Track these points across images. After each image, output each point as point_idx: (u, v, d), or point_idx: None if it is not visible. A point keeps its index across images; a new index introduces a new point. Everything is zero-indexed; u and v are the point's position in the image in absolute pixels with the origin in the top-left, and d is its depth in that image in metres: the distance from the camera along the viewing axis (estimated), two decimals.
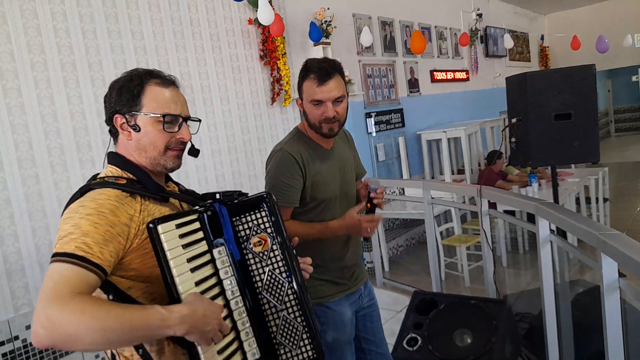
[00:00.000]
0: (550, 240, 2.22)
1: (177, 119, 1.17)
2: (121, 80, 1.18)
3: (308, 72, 1.71)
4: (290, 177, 1.71)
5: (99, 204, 1.03)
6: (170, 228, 1.04)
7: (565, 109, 2.48)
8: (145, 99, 1.15)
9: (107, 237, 0.99)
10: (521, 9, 9.42)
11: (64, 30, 2.94)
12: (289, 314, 1.16)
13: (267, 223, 1.17)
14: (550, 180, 5.08)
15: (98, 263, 0.96)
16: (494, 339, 2.37)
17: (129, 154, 1.18)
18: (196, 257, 1.08)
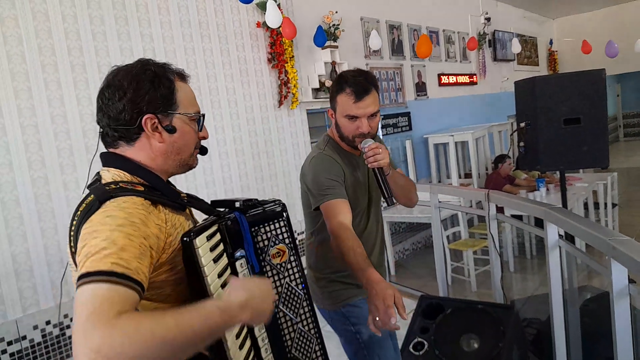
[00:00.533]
0: (559, 245, 2.20)
1: (202, 117, 1.11)
2: (146, 74, 1.01)
3: (344, 85, 1.66)
4: (334, 174, 1.67)
5: (129, 214, 0.89)
6: (203, 241, 0.95)
7: (575, 114, 2.46)
8: (179, 97, 1.04)
9: (142, 251, 0.87)
10: (530, 13, 9.39)
11: (75, 33, 2.97)
12: (304, 326, 1.13)
13: (285, 234, 1.12)
14: (558, 184, 5.06)
15: (139, 280, 0.83)
16: (501, 345, 2.35)
17: (149, 158, 1.03)
18: (224, 270, 1.01)
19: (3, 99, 2.65)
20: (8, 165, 2.66)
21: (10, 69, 2.69)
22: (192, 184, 3.59)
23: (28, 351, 2.66)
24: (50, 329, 2.75)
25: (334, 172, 1.68)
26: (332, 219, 1.60)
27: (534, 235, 5.25)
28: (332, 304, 1.84)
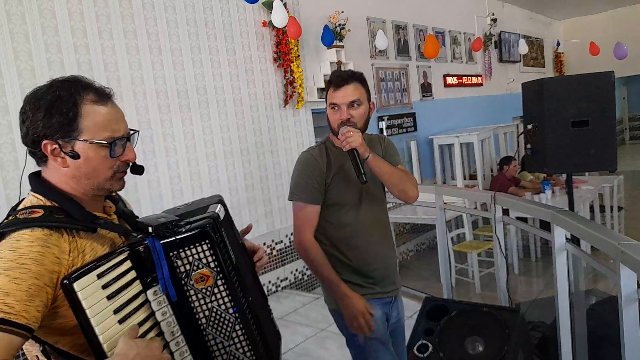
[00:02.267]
0: (566, 248, 2.18)
1: (121, 141, 1.03)
2: (47, 98, 0.97)
3: (329, 83, 1.81)
4: (311, 176, 1.77)
5: (19, 255, 0.88)
6: (90, 281, 0.92)
7: (583, 116, 2.43)
8: (83, 122, 0.98)
9: (32, 292, 0.87)
10: (536, 15, 9.35)
11: (81, 30, 2.97)
12: (237, 349, 1.09)
13: (210, 257, 1.04)
14: (564, 187, 5.04)
15: (22, 324, 0.84)
16: (506, 348, 2.33)
17: (60, 181, 1.02)
18: (126, 304, 0.97)
19: (10, 98, 2.66)
20: (14, 162, 2.66)
21: (17, 66, 2.69)
22: (197, 183, 3.59)
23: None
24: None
25: (312, 173, 1.78)
26: (302, 232, 1.78)
27: (539, 238, 5.23)
28: (334, 303, 1.84)
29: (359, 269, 1.83)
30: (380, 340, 1.83)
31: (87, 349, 0.96)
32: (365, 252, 1.84)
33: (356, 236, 1.82)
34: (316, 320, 3.57)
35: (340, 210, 1.81)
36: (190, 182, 3.55)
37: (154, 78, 3.34)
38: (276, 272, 4.17)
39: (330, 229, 1.83)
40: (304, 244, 1.77)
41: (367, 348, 1.81)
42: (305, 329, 3.45)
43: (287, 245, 4.28)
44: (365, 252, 1.84)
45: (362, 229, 1.84)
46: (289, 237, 4.27)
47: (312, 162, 1.79)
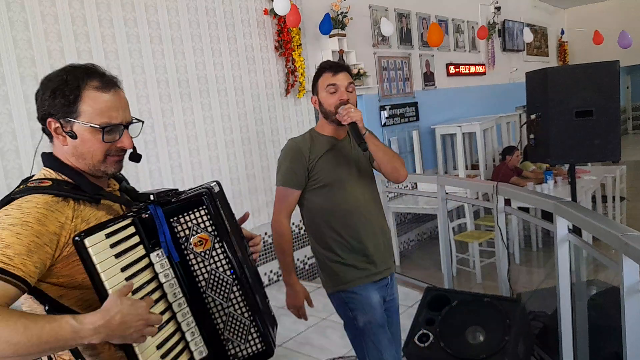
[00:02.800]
0: (568, 239, 2.18)
1: (117, 127, 1.09)
2: (55, 80, 1.07)
3: (323, 69, 1.91)
4: (293, 161, 1.87)
5: (25, 213, 0.97)
6: (99, 239, 0.99)
7: (587, 106, 2.41)
8: (82, 106, 1.05)
9: (31, 248, 0.94)
10: (540, 3, 9.26)
11: (81, 18, 2.94)
12: (236, 310, 1.16)
13: (207, 222, 1.13)
14: (566, 177, 5.02)
15: (19, 275, 0.91)
16: (507, 338, 2.34)
17: (65, 158, 1.11)
18: (132, 264, 1.05)
19: (10, 85, 2.64)
20: (14, 151, 2.66)
21: (17, 54, 2.67)
22: (198, 173, 3.59)
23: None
24: None
25: (293, 158, 1.87)
26: (278, 212, 1.92)
27: (540, 228, 5.22)
28: (331, 287, 1.93)
29: (354, 247, 1.89)
30: (379, 324, 1.90)
31: (91, 304, 1.03)
32: (361, 230, 1.90)
33: (350, 215, 1.90)
34: (317, 309, 3.56)
35: (332, 190, 1.88)
36: (192, 172, 3.55)
37: (154, 67, 3.32)
38: (277, 261, 4.18)
39: (324, 211, 1.90)
40: (277, 226, 1.91)
41: (365, 331, 1.88)
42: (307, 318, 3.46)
43: None
44: (361, 230, 1.90)
45: (356, 207, 1.91)
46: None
47: (294, 147, 1.89)
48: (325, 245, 1.91)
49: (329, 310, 3.59)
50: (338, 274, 1.90)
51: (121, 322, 0.93)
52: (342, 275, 1.89)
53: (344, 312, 1.95)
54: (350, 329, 1.95)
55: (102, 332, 0.92)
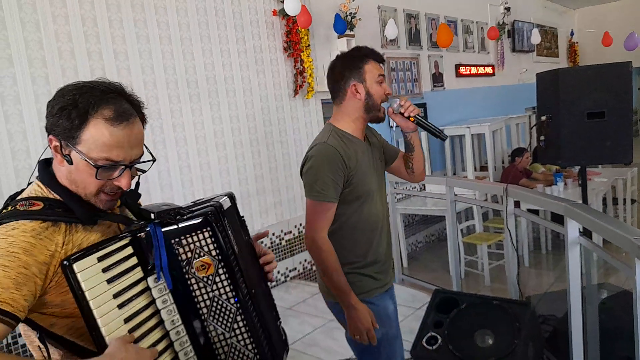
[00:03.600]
0: (579, 242, 2.15)
1: (117, 166, 0.99)
2: (67, 98, 0.97)
3: (366, 56, 1.74)
4: (335, 172, 1.66)
5: (10, 243, 0.90)
6: (90, 264, 0.93)
7: (599, 108, 2.39)
8: (85, 134, 0.96)
9: (19, 281, 0.88)
10: (551, 3, 9.19)
11: (91, 19, 2.96)
12: (239, 341, 1.07)
13: (211, 245, 1.04)
14: (577, 179, 4.98)
15: (8, 311, 0.85)
16: (516, 341, 2.31)
17: (62, 176, 1.02)
18: (126, 289, 0.97)
19: (21, 86, 2.66)
20: (25, 151, 2.68)
21: (28, 55, 2.69)
22: (206, 173, 3.59)
23: None
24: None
25: (336, 169, 1.66)
26: (320, 230, 1.67)
27: (550, 230, 5.18)
28: (333, 295, 1.78)
29: (374, 259, 1.79)
30: (394, 335, 1.82)
31: (83, 333, 0.97)
32: (380, 242, 1.82)
33: (375, 227, 1.79)
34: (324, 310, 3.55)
35: (362, 203, 1.75)
36: (200, 173, 3.56)
37: (164, 67, 3.33)
38: (285, 262, 4.18)
39: (350, 223, 1.75)
40: (318, 243, 1.67)
41: (381, 343, 1.77)
42: (314, 319, 3.45)
43: (296, 235, 4.28)
44: (380, 242, 1.82)
45: (379, 219, 1.82)
46: (298, 228, 4.27)
47: (334, 155, 1.66)
48: (345, 254, 1.75)
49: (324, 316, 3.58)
50: (355, 283, 1.74)
51: None
52: (360, 285, 1.76)
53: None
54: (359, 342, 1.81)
55: None
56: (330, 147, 1.68)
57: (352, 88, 1.72)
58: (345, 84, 1.73)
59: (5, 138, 2.61)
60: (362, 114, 1.76)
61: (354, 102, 1.74)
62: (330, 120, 1.82)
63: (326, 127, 1.81)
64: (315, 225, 1.67)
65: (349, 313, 1.68)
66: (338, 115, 1.79)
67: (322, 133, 1.79)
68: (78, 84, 1.00)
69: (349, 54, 1.79)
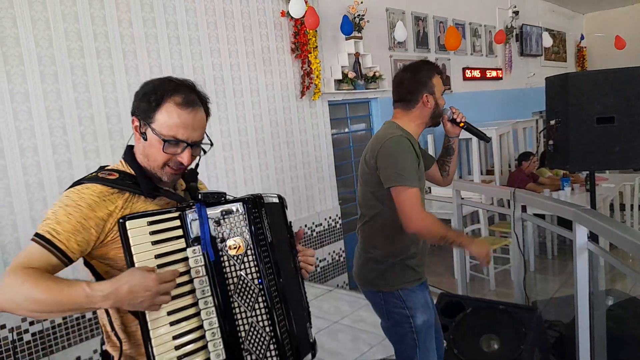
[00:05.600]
0: (587, 248, 2.13)
1: (180, 143, 1.19)
2: (149, 86, 1.20)
3: (432, 70, 1.95)
4: (413, 160, 1.81)
5: (80, 197, 1.11)
6: (140, 224, 1.08)
7: (609, 113, 2.37)
8: (159, 115, 1.17)
9: (77, 228, 1.08)
10: (559, 8, 9.14)
11: (101, 18, 2.97)
12: (258, 321, 1.15)
13: (244, 227, 1.16)
14: (584, 184, 4.94)
15: (61, 248, 1.06)
16: (522, 347, 2.30)
17: (138, 153, 1.24)
18: (168, 254, 1.10)
19: (30, 84, 2.67)
20: (33, 148, 2.69)
21: (38, 52, 2.70)
22: (212, 173, 3.60)
23: (49, 332, 2.70)
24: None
25: (413, 157, 1.81)
26: (421, 211, 1.77)
27: (556, 235, 5.15)
28: (388, 284, 1.89)
29: (418, 252, 1.93)
30: (432, 325, 1.93)
31: None
32: (423, 239, 1.95)
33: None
34: (329, 312, 3.57)
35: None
36: (206, 172, 3.56)
37: (172, 67, 3.34)
38: None
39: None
40: (425, 222, 1.76)
41: (421, 331, 1.87)
42: (318, 321, 3.45)
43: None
44: (423, 239, 1.95)
45: None
46: (303, 229, 4.26)
47: (409, 144, 1.82)
48: (395, 245, 1.88)
49: (340, 314, 3.57)
50: (399, 272, 1.89)
51: (128, 291, 1.01)
52: (403, 274, 1.89)
53: (397, 311, 1.90)
54: (402, 327, 1.90)
55: (110, 298, 1.01)
56: (406, 140, 1.83)
57: (425, 98, 1.92)
58: (419, 94, 1.92)
59: (14, 135, 2.62)
60: (427, 120, 1.97)
61: (424, 110, 1.93)
62: (394, 120, 1.98)
63: (390, 124, 1.96)
64: (417, 208, 1.76)
65: (471, 247, 1.85)
66: (404, 117, 1.96)
67: (389, 129, 1.91)
68: (160, 78, 1.22)
69: (419, 67, 1.96)
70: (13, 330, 2.56)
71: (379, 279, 1.91)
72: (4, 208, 2.59)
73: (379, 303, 1.95)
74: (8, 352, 2.54)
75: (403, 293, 1.88)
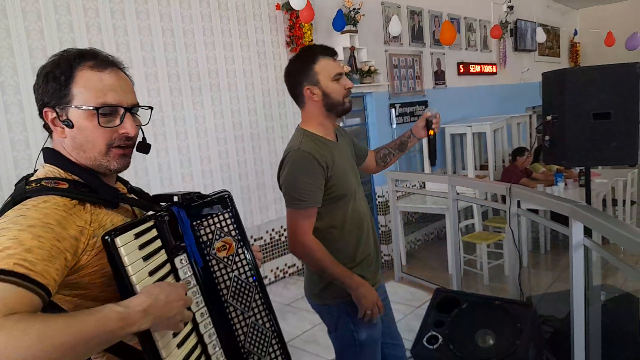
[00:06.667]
0: (583, 244, 2.14)
1: (116, 110, 0.98)
2: (48, 65, 0.97)
3: (316, 54, 1.69)
4: (313, 176, 1.63)
5: (44, 214, 0.86)
6: (129, 239, 0.91)
7: (605, 108, 2.37)
8: (75, 88, 0.95)
9: (52, 253, 0.83)
10: (554, 3, 9.15)
11: (93, 10, 2.92)
12: (257, 319, 1.10)
13: (231, 225, 1.08)
14: (577, 179, 4.97)
15: (42, 283, 0.79)
16: (518, 342, 2.31)
17: (66, 152, 1.00)
18: (157, 269, 0.97)
19: (22, 76, 2.63)
20: (24, 142, 2.64)
21: (29, 44, 2.65)
22: (207, 167, 3.57)
23: None
24: None
25: (311, 172, 1.63)
26: (305, 233, 1.65)
27: (549, 231, 5.17)
28: (332, 297, 1.77)
29: (363, 258, 1.79)
30: (378, 338, 1.81)
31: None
32: (368, 239, 1.81)
33: (361, 224, 1.79)
34: None
35: (346, 201, 1.74)
36: (201, 167, 3.53)
37: (165, 60, 3.29)
38: (284, 258, 4.16)
39: (336, 222, 1.74)
40: (308, 246, 1.65)
41: (365, 345, 1.77)
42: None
43: None
44: (368, 239, 1.81)
45: (365, 216, 1.82)
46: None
47: (310, 160, 1.63)
48: (335, 255, 1.71)
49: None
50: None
51: (166, 301, 0.87)
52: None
53: (342, 324, 1.78)
54: (345, 339, 1.79)
55: (150, 313, 0.85)
56: (304, 153, 1.64)
57: (307, 92, 1.70)
58: (300, 88, 1.71)
59: (5, 128, 2.58)
60: (326, 114, 1.72)
61: (313, 104, 1.71)
62: (300, 125, 1.79)
63: (297, 131, 1.77)
64: (301, 230, 1.66)
65: (357, 293, 1.68)
66: (305, 118, 1.77)
67: (294, 138, 1.75)
68: (53, 55, 0.99)
69: (299, 57, 1.75)
70: None
71: (323, 291, 1.78)
72: None
73: (325, 316, 1.84)
74: None
75: (348, 306, 1.74)
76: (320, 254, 1.66)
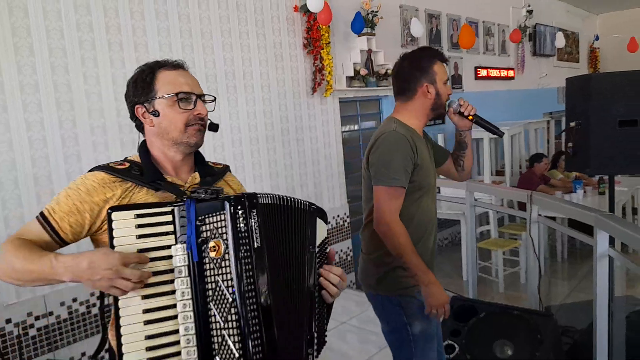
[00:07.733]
0: (608, 254, 2.08)
1: (190, 96, 1.24)
2: (134, 75, 1.27)
3: (434, 57, 1.81)
4: (406, 158, 1.70)
5: (83, 182, 1.17)
6: (126, 216, 1.05)
7: (632, 115, 2.31)
8: (157, 84, 1.23)
9: (72, 210, 1.14)
10: (574, 8, 9.02)
11: (113, 10, 2.93)
12: (229, 335, 1.04)
13: (224, 228, 1.06)
14: (597, 187, 4.87)
15: (54, 226, 1.12)
16: (537, 354, 2.25)
17: (151, 142, 1.27)
18: (152, 250, 1.06)
19: (40, 75, 2.64)
20: (42, 140, 2.66)
21: (49, 44, 2.67)
22: None
23: (54, 327, 2.67)
24: (77, 306, 2.76)
25: (405, 154, 1.70)
26: (393, 212, 1.69)
27: (567, 238, 5.08)
28: (387, 289, 1.81)
29: (420, 254, 1.78)
30: (432, 334, 1.83)
31: None
32: (429, 238, 1.85)
33: (431, 224, 1.84)
34: (337, 312, 3.52)
35: (423, 195, 1.79)
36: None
37: None
38: None
39: (410, 216, 1.76)
40: (392, 228, 1.68)
41: (419, 340, 1.80)
42: None
43: None
44: (429, 238, 1.85)
45: (433, 216, 1.87)
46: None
47: (404, 140, 1.71)
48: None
49: (348, 314, 3.53)
50: (397, 278, 1.79)
51: (88, 267, 1.00)
52: (401, 280, 1.78)
53: (395, 318, 1.82)
54: (400, 333, 1.82)
55: (70, 271, 1.02)
56: (401, 135, 1.72)
57: (424, 88, 1.78)
58: (417, 83, 1.79)
59: (23, 127, 2.59)
60: (429, 112, 1.83)
61: (424, 101, 1.80)
62: (393, 115, 1.86)
63: (389, 120, 1.84)
64: (389, 210, 1.69)
65: (429, 290, 1.69)
66: (403, 111, 1.84)
67: (386, 125, 1.82)
68: (137, 68, 1.28)
69: (417, 55, 1.83)
70: (19, 325, 2.54)
71: (377, 282, 1.83)
72: (12, 200, 2.56)
73: (378, 307, 1.89)
74: (13, 346, 2.51)
75: (402, 299, 1.79)
76: (403, 239, 1.68)
